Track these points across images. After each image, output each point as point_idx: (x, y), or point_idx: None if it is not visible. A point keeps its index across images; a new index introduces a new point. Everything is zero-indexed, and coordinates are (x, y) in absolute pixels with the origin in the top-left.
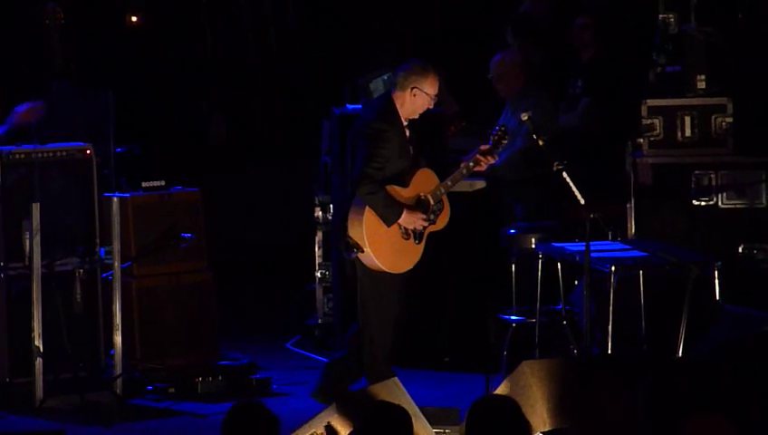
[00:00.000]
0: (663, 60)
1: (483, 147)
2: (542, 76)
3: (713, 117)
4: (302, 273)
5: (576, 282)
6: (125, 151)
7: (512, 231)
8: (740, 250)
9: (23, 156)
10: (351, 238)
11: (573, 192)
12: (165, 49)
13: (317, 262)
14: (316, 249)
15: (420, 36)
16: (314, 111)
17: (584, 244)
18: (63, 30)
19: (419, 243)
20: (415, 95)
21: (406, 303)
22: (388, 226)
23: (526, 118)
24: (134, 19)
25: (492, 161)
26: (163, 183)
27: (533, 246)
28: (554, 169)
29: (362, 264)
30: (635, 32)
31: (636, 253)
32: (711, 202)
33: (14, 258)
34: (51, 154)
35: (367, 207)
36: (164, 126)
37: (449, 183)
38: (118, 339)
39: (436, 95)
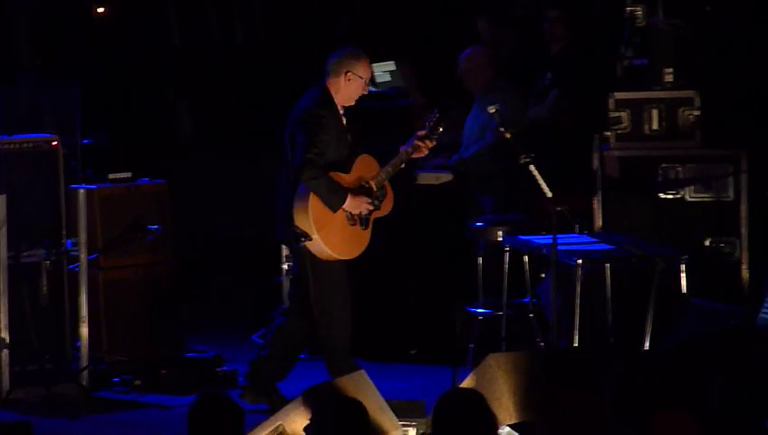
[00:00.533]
0: (630, 53)
1: (420, 132)
2: (514, 68)
3: (680, 110)
4: (270, 265)
5: (543, 275)
6: (92, 143)
7: (479, 224)
8: (707, 243)
9: None
10: (298, 227)
11: (540, 185)
12: (131, 41)
13: (284, 254)
14: None
15: (388, 28)
16: (283, 105)
17: (551, 237)
18: (31, 19)
19: (365, 228)
20: (349, 79)
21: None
22: (334, 211)
23: (493, 110)
24: (100, 10)
25: (431, 145)
26: (130, 175)
27: (500, 238)
28: (521, 161)
29: (310, 258)
30: (603, 24)
31: (602, 246)
32: (678, 195)
33: None
34: (17, 146)
35: (311, 194)
36: (131, 118)
37: (390, 169)
38: (84, 331)
39: (369, 79)
